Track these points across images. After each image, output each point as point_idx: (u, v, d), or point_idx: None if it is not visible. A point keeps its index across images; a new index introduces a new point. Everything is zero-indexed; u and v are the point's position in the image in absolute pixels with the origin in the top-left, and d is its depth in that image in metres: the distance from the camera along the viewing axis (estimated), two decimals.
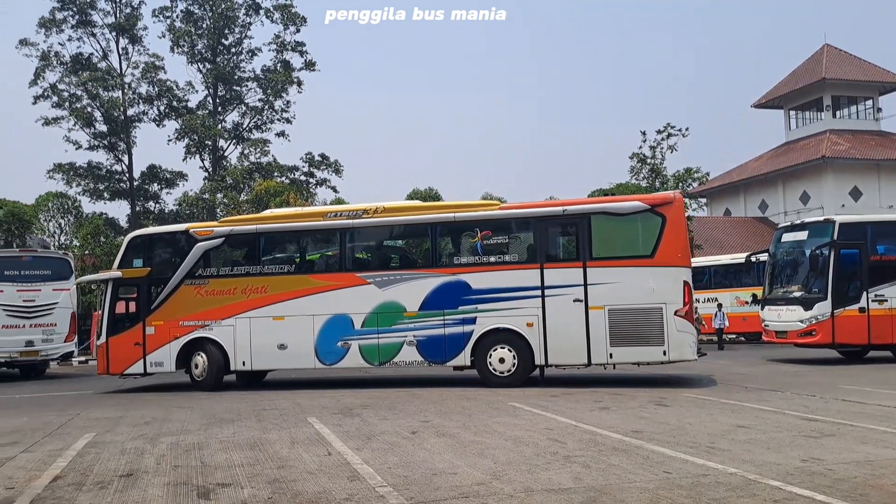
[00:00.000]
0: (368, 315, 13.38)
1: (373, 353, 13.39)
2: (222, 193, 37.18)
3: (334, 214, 14.16)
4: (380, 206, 14.02)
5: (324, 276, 13.97)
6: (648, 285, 12.28)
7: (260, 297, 13.86)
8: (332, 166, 43.34)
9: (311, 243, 14.81)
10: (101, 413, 11.06)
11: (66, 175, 40.90)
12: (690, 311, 12.37)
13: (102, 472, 6.79)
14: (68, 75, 40.34)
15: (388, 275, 13.52)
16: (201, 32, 42.54)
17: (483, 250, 13.22)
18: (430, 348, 13.19)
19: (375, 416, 9.69)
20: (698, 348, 12.95)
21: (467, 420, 9.17)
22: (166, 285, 14.30)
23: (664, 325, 12.19)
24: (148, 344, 14.28)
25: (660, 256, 12.38)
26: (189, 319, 14.14)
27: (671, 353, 12.25)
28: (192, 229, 14.61)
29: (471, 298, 13.06)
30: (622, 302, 12.39)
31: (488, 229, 13.26)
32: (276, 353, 13.79)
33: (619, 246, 12.89)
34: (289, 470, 6.61)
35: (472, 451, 7.26)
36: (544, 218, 13.13)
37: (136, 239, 15.34)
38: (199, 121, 40.65)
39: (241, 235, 14.40)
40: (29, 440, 8.65)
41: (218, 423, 9.61)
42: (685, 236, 12.90)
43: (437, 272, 13.29)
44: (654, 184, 36.02)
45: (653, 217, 12.55)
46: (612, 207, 13.06)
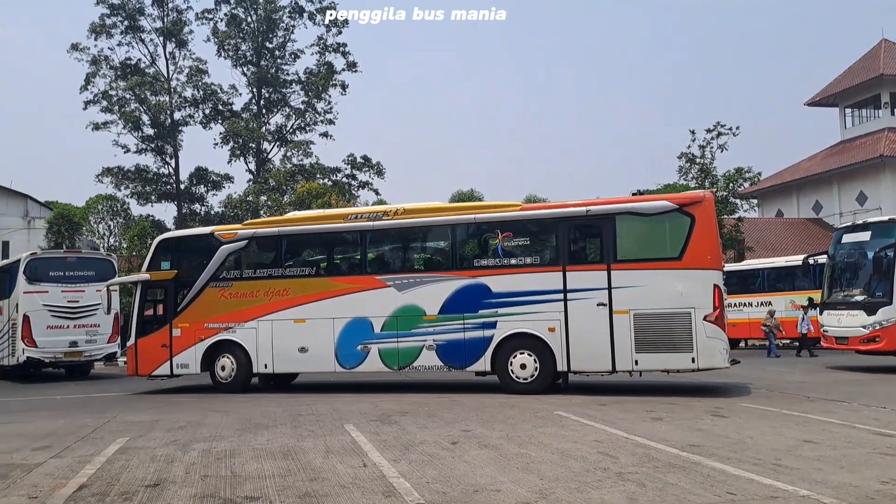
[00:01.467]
0: (388, 318, 13.17)
1: (392, 358, 13.15)
2: (266, 195, 37.31)
3: (355, 217, 14.03)
4: (400, 207, 13.86)
5: (344, 278, 13.80)
6: (676, 289, 11.70)
7: (281, 300, 13.78)
8: (374, 168, 43.25)
9: (331, 245, 14.66)
10: (137, 416, 10.89)
11: (115, 178, 41.59)
12: (721, 316, 11.70)
13: (129, 481, 6.51)
14: (117, 80, 41.03)
15: (407, 277, 13.27)
16: (244, 36, 42.87)
17: (504, 252, 12.87)
18: (450, 353, 12.87)
19: (414, 424, 9.28)
20: (731, 356, 12.29)
21: (510, 430, 8.69)
22: (192, 288, 14.33)
23: (693, 331, 11.58)
24: (174, 346, 14.34)
25: (688, 258, 11.79)
26: (213, 322, 14.16)
27: (700, 360, 11.61)
28: (217, 232, 14.65)
29: (491, 302, 12.68)
30: (648, 306, 11.82)
31: (509, 231, 12.88)
32: (297, 357, 13.68)
33: (645, 248, 12.32)
34: (321, 483, 6.23)
35: (515, 464, 6.79)
36: (567, 219, 12.65)
37: (164, 242, 15.44)
38: (243, 123, 40.96)
39: (263, 238, 14.39)
40: (61, 444, 8.46)
41: (253, 428, 9.31)
42: (716, 237, 12.23)
43: (456, 275, 12.98)
44: (703, 184, 35.01)
45: (681, 217, 11.96)
46: (638, 207, 12.46)
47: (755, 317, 26.23)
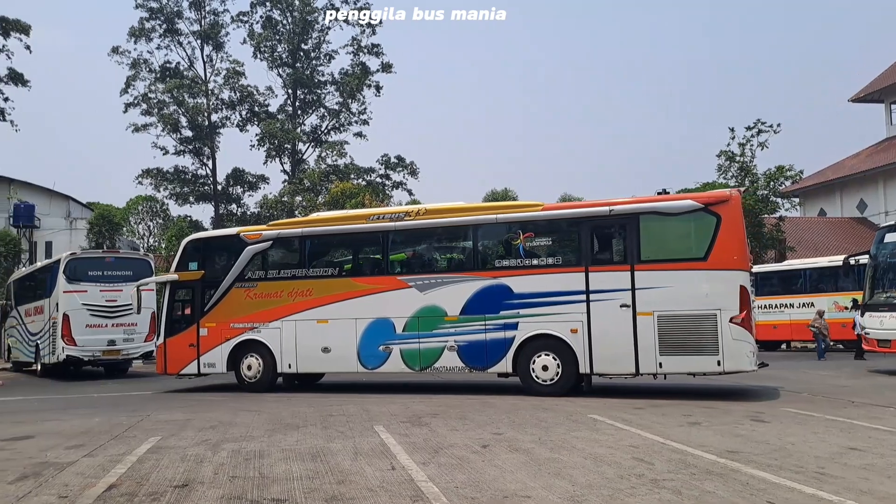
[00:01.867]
0: (410, 319, 13.14)
1: (414, 358, 13.13)
2: (301, 196, 37.59)
3: (377, 217, 13.99)
4: (422, 207, 13.94)
5: (366, 279, 13.79)
6: (701, 290, 11.45)
7: (305, 301, 13.85)
8: (407, 168, 43.34)
9: (353, 246, 14.66)
10: (170, 415, 10.94)
11: (155, 180, 42.30)
12: (748, 317, 11.39)
13: (158, 481, 6.49)
14: (156, 83, 41.69)
15: (428, 278, 13.22)
16: (280, 37, 43.21)
17: (525, 253, 12.74)
18: (472, 354, 12.78)
19: (445, 427, 9.15)
20: (759, 358, 12.00)
21: (543, 433, 8.51)
22: (218, 288, 14.51)
23: (718, 333, 11.30)
24: (201, 345, 14.54)
25: (714, 259, 11.50)
26: (239, 322, 14.32)
27: (726, 363, 11.32)
28: (243, 233, 14.78)
29: (513, 303, 12.55)
30: (673, 308, 11.56)
31: (531, 231, 12.76)
32: (320, 357, 13.75)
33: (669, 248, 12.04)
34: (349, 486, 6.14)
35: (547, 470, 6.62)
36: (589, 219, 12.47)
37: (192, 243, 15.65)
38: (279, 125, 41.31)
39: (287, 239, 14.47)
40: (95, 443, 8.51)
41: (283, 429, 9.28)
42: (742, 237, 11.86)
43: (478, 275, 12.89)
44: (743, 182, 34.35)
45: (707, 217, 11.68)
46: (663, 207, 12.14)
47: (797, 318, 25.59)
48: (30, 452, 8.02)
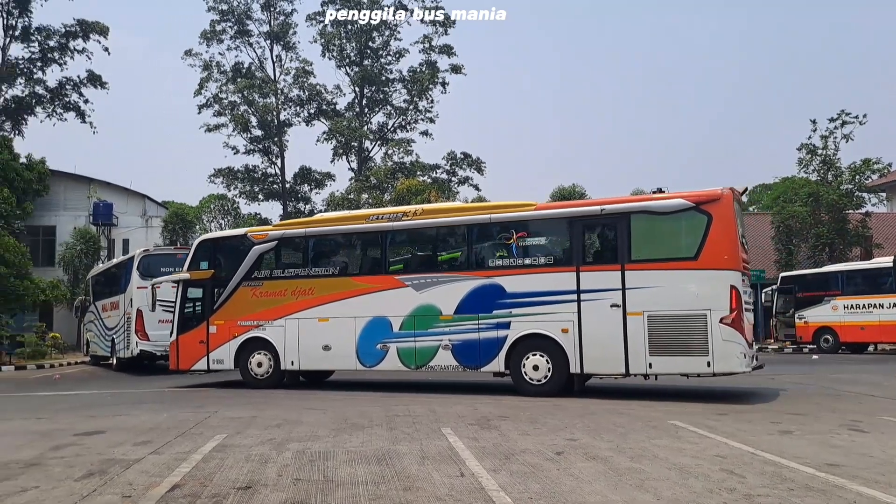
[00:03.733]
0: (406, 318, 13.27)
1: (410, 357, 13.26)
2: (367, 193, 37.69)
3: (376, 217, 14.14)
4: (419, 208, 14.24)
5: (365, 278, 13.96)
6: (691, 290, 11.26)
7: (307, 299, 14.12)
8: (474, 164, 43.00)
9: (353, 246, 14.89)
10: (237, 412, 10.87)
11: (226, 178, 43.12)
12: (738, 318, 11.10)
13: (221, 482, 6.31)
14: (227, 84, 42.49)
15: (424, 277, 13.29)
16: (349, 36, 43.43)
17: (518, 252, 12.67)
18: (465, 353, 12.83)
19: (515, 430, 8.73)
20: (755, 359, 11.99)
21: (621, 440, 8.00)
22: (227, 286, 14.90)
23: (708, 334, 11.08)
24: (211, 342, 14.99)
25: (704, 258, 11.28)
26: (246, 320, 14.69)
27: (716, 364, 11.10)
28: (250, 233, 15.13)
29: (505, 302, 12.53)
30: (663, 308, 11.40)
31: (524, 230, 12.70)
32: (321, 354, 14.05)
33: (660, 247, 11.84)
34: (415, 493, 5.81)
35: (628, 481, 6.15)
36: (581, 218, 12.42)
37: (203, 243, 16.10)
38: (346, 122, 41.55)
39: (291, 238, 14.77)
40: (161, 440, 8.46)
41: (349, 429, 9.04)
42: (734, 237, 11.47)
43: (472, 275, 12.91)
44: (825, 177, 32.71)
45: (698, 216, 11.45)
46: (654, 206, 11.89)
47: (886, 319, 24.15)
48: (99, 448, 8.01)
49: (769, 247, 34.70)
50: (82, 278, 32.82)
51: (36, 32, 39.02)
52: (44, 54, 39.56)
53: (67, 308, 31.41)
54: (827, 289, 26.72)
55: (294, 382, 15.08)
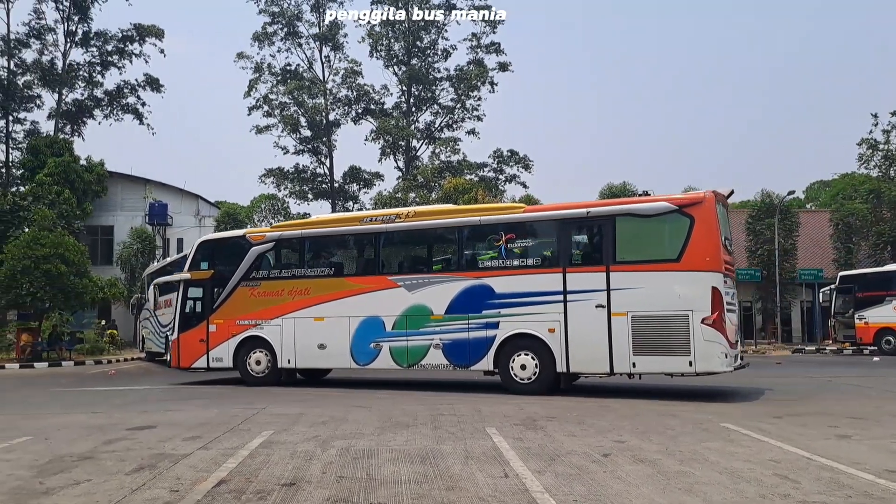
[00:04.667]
0: (398, 318, 13.55)
1: (402, 356, 13.52)
2: (414, 192, 37.79)
3: (370, 219, 14.44)
4: (411, 210, 14.65)
5: (359, 278, 14.31)
6: (674, 291, 11.48)
7: (303, 299, 14.44)
8: (521, 162, 42.75)
9: (348, 247, 15.31)
10: (285, 409, 10.98)
11: (276, 178, 43.73)
12: (720, 319, 11.27)
13: (266, 478, 6.36)
14: (277, 85, 43.07)
15: (416, 278, 13.61)
16: (396, 35, 43.58)
17: (507, 254, 12.95)
18: (455, 352, 13.10)
19: (561, 432, 8.60)
20: (739, 359, 12.31)
21: (670, 443, 7.81)
22: (226, 286, 15.24)
23: (690, 334, 11.31)
24: (210, 341, 15.33)
25: (687, 260, 11.53)
26: (244, 319, 15.01)
27: (697, 364, 11.34)
28: (249, 234, 15.54)
29: (494, 302, 12.80)
30: (646, 308, 11.63)
31: (512, 232, 12.96)
32: (316, 353, 14.34)
33: (644, 249, 12.13)
34: (458, 493, 5.75)
35: (677, 485, 5.98)
36: (567, 220, 12.71)
37: (203, 243, 16.47)
38: (394, 122, 41.72)
39: (287, 240, 15.13)
40: (210, 435, 8.58)
41: (393, 427, 9.04)
42: (716, 239, 11.64)
43: (462, 276, 13.20)
44: (887, 173, 31.59)
45: (681, 218, 11.71)
46: (638, 209, 12.18)
47: None
48: (149, 443, 8.16)
49: (827, 245, 33.68)
50: (138, 276, 33.72)
51: (95, 37, 40.24)
52: (103, 59, 40.78)
53: (124, 305, 32.31)
54: (889, 288, 25.79)
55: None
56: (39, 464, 7.09)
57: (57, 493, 5.93)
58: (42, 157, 34.81)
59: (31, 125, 40.17)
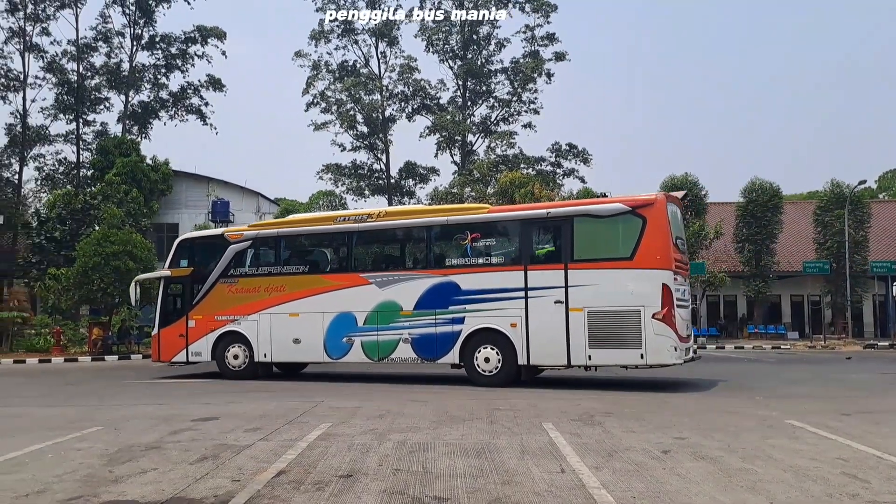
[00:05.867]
0: (370, 313, 14.09)
1: (373, 349, 14.07)
2: (470, 187, 37.72)
3: (343, 219, 15.05)
4: (382, 210, 15.30)
5: (332, 276, 14.86)
6: (627, 288, 12.06)
7: (279, 295, 14.99)
8: (579, 156, 42.24)
9: (322, 245, 15.77)
10: (342, 402, 11.13)
11: (334, 175, 44.25)
12: (669, 314, 11.89)
13: (324, 469, 6.46)
14: (334, 82, 43.54)
15: (386, 275, 14.20)
16: (449, 29, 43.52)
17: (472, 252, 13.52)
18: (423, 346, 13.66)
19: (619, 427, 8.48)
20: (693, 352, 13.05)
21: (732, 440, 7.61)
22: (205, 283, 15.80)
23: (642, 328, 11.91)
24: (190, 335, 15.90)
25: (639, 258, 12.12)
26: (222, 314, 15.56)
27: (648, 356, 11.94)
28: (227, 233, 16.12)
29: (460, 299, 13.36)
30: (601, 304, 12.24)
31: (477, 232, 13.51)
32: (291, 347, 14.87)
33: (599, 248, 12.73)
34: (514, 487, 5.73)
35: (739, 482, 5.83)
36: (529, 220, 13.28)
37: (183, 242, 17.03)
38: (449, 117, 41.71)
39: (264, 238, 15.71)
40: (270, 427, 8.76)
41: (448, 421, 9.06)
42: (666, 238, 12.24)
43: (430, 273, 13.74)
44: None
45: (633, 219, 12.31)
46: (594, 210, 12.90)
47: None
48: (213, 434, 8.38)
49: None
50: None
51: (160, 40, 41.42)
52: (167, 61, 41.95)
53: None
54: None
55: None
56: (109, 453, 7.35)
57: (125, 482, 6.14)
58: (111, 158, 36.03)
59: (101, 126, 41.64)
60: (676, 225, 12.93)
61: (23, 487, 5.96)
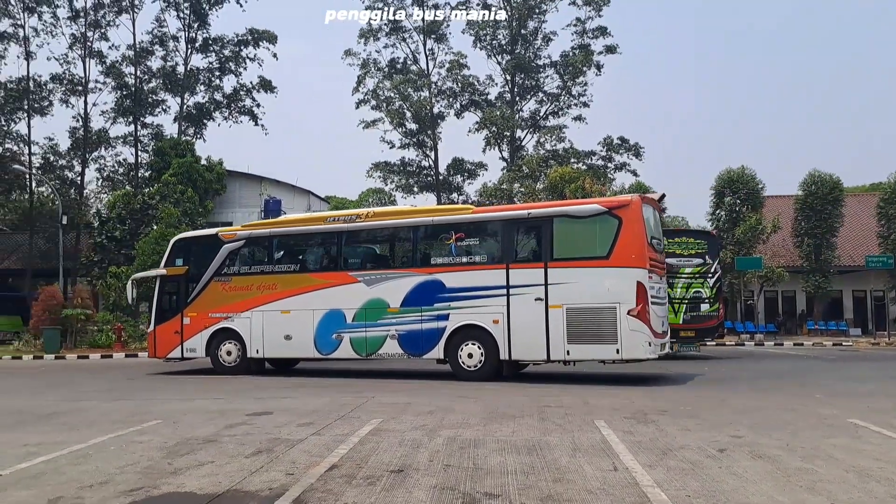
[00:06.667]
0: (358, 310, 14.50)
1: (361, 345, 14.49)
2: (519, 183, 37.55)
3: (333, 219, 15.58)
4: (371, 211, 16.02)
5: (322, 274, 15.26)
6: (604, 285, 12.47)
7: (271, 293, 15.43)
8: (631, 149, 41.66)
9: (312, 245, 16.26)
10: (392, 398, 11.21)
11: (383, 172, 44.58)
12: (644, 310, 12.28)
13: (376, 464, 6.52)
14: (383, 80, 43.82)
15: (374, 274, 14.68)
16: (499, 24, 43.37)
17: (456, 251, 13.95)
18: (409, 342, 14.09)
19: (674, 425, 8.34)
20: (668, 347, 13.66)
21: (791, 439, 7.42)
22: (200, 281, 16.26)
23: (617, 325, 12.30)
24: (185, 332, 16.33)
25: (615, 258, 12.53)
26: (216, 312, 16.02)
27: (624, 352, 12.35)
28: (221, 233, 16.62)
29: (445, 296, 13.78)
30: (579, 301, 12.63)
31: (461, 232, 13.96)
32: (283, 344, 15.34)
33: (577, 247, 13.13)
34: (565, 485, 5.69)
35: (798, 482, 5.67)
36: (511, 221, 13.75)
37: (178, 242, 17.55)
38: (498, 112, 41.58)
39: (257, 238, 16.19)
40: (322, 422, 8.88)
41: (499, 418, 9.04)
42: (641, 239, 12.63)
43: (416, 272, 14.16)
44: None
45: (610, 219, 12.75)
46: (573, 210, 13.36)
47: None
48: (267, 428, 8.53)
49: None
50: None
51: (213, 43, 42.32)
52: (221, 64, 42.83)
53: None
54: None
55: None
56: (168, 445, 7.56)
57: (184, 474, 6.30)
58: (167, 159, 36.96)
59: (157, 128, 42.75)
60: (652, 225, 13.34)
61: (87, 478, 6.17)
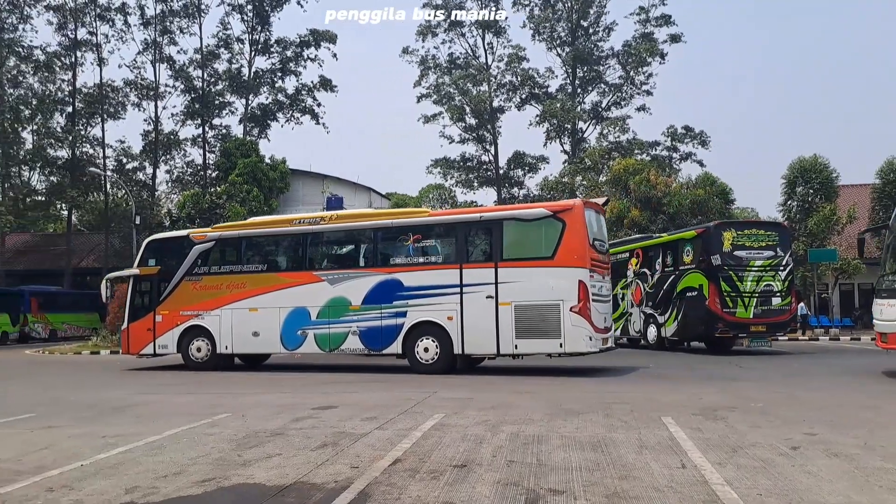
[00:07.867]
0: (322, 308, 15.28)
1: (325, 341, 15.28)
2: (581, 176, 37.12)
3: (299, 221, 16.37)
4: (334, 213, 16.71)
5: (288, 274, 16.07)
6: (549, 284, 13.29)
7: (240, 292, 16.18)
8: (697, 138, 40.70)
9: (279, 246, 16.98)
10: (454, 393, 11.23)
11: (443, 168, 44.70)
12: (585, 307, 13.10)
13: (439, 459, 6.53)
14: (442, 76, 43.92)
15: (337, 273, 15.42)
16: (559, 16, 42.94)
17: (414, 252, 14.78)
18: (370, 338, 14.85)
19: (744, 422, 8.10)
20: (612, 342, 14.66)
21: (870, 436, 7.11)
22: (171, 281, 16.97)
23: (561, 320, 13.14)
24: (157, 330, 17.10)
25: (559, 258, 13.38)
26: (187, 310, 16.74)
27: (566, 345, 13.24)
28: (192, 234, 17.41)
29: (403, 294, 14.56)
30: (526, 299, 13.49)
31: (419, 234, 14.76)
32: (251, 340, 16.06)
33: (525, 248, 14.03)
34: (631, 482, 5.59)
35: (877, 482, 5.44)
36: (463, 224, 14.69)
37: (151, 242, 18.37)
38: (559, 104, 41.16)
39: (226, 239, 16.93)
40: (386, 416, 8.96)
41: (562, 414, 8.95)
42: (583, 240, 13.44)
43: (376, 271, 14.98)
44: None
45: (554, 222, 13.59)
46: (521, 214, 14.31)
47: None
48: (332, 422, 8.66)
49: None
50: None
51: (275, 45, 43.19)
52: (283, 65, 43.70)
53: None
54: None
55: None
56: (238, 438, 7.75)
57: (253, 465, 6.45)
58: (233, 159, 37.98)
59: (224, 130, 43.93)
60: (595, 229, 14.17)
61: (162, 469, 6.39)
